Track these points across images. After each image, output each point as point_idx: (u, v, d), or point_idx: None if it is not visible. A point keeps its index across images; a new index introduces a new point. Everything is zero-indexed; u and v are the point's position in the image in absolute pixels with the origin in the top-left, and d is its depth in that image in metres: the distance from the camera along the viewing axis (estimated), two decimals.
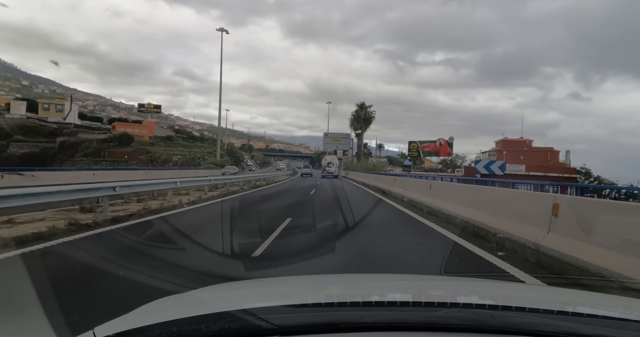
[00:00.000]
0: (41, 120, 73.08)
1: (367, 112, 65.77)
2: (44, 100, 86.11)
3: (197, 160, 52.71)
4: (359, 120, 64.96)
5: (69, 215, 8.20)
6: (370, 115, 66.38)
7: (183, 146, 70.88)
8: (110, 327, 1.11)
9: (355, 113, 66.12)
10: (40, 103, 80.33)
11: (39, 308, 2.67)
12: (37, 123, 71.85)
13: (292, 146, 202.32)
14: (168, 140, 74.06)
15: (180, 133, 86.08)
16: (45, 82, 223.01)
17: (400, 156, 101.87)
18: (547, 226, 5.45)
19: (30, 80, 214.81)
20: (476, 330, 1.03)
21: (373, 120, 66.81)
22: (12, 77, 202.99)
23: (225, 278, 4.09)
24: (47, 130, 70.47)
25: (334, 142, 74.02)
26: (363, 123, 64.96)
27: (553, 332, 1.02)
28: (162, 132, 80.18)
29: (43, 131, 69.97)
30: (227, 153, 64.86)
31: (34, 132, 68.30)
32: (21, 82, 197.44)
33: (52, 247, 5.71)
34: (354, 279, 2.34)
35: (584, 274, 4.31)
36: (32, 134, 67.35)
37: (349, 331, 1.03)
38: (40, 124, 71.65)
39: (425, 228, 8.62)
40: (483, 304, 1.34)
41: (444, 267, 4.85)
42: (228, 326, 1.01)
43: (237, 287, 1.92)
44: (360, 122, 64.90)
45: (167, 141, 72.77)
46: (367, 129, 65.92)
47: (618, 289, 3.69)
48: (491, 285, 2.06)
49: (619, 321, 1.15)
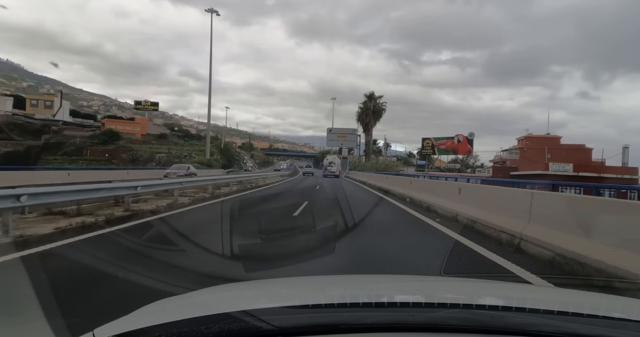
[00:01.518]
0: (28, 117, 68.82)
1: (377, 103, 57.59)
2: (31, 96, 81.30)
3: (182, 158, 47.45)
4: (368, 113, 56.65)
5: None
6: (381, 107, 57.97)
7: (176, 144, 66.43)
8: (109, 328, 1.10)
9: (364, 105, 57.86)
10: (28, 99, 75.70)
11: (38, 309, 2.67)
12: (24, 120, 67.72)
13: (297, 146, 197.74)
14: (161, 138, 69.36)
15: (176, 131, 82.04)
16: (52, 83, 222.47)
17: (408, 155, 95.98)
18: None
19: (36, 81, 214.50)
20: (476, 330, 1.02)
21: (383, 114, 58.63)
22: (18, 77, 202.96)
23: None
24: (33, 128, 66.65)
25: (339, 138, 66.27)
26: (372, 116, 56.62)
27: (553, 332, 1.01)
28: (156, 129, 76.10)
29: (29, 129, 65.95)
30: (221, 151, 58.49)
31: (20, 130, 64.11)
32: (27, 82, 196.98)
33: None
34: (354, 280, 2.34)
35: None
36: (17, 132, 63.05)
37: (349, 332, 1.02)
38: (26, 121, 67.49)
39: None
40: (483, 304, 1.33)
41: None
42: (228, 327, 1.00)
43: (236, 289, 1.90)
44: (369, 116, 56.52)
45: (160, 139, 68.06)
46: (376, 123, 58.04)
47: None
48: (491, 286, 2.07)
49: (619, 321, 1.14)
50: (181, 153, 54.33)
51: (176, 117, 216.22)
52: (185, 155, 51.39)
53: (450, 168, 66.37)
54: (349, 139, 66.47)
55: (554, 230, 5.06)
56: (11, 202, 6.34)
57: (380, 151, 76.77)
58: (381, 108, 58.34)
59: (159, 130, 75.48)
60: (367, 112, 57.49)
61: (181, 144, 68.41)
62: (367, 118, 57.37)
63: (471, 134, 63.50)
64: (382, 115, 59.29)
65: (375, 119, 57.67)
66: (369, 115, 57.07)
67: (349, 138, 66.43)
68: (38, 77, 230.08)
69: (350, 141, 67.05)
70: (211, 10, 45.67)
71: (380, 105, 58.38)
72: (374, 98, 58.04)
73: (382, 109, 58.48)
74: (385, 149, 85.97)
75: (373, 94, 58.68)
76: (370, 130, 59.97)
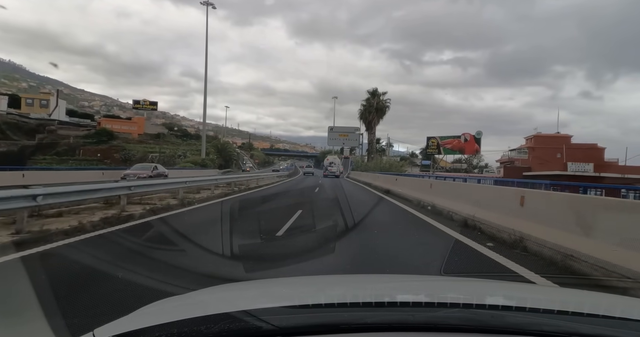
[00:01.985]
0: (23, 116, 67.24)
1: (381, 100, 54.26)
2: (27, 95, 79.48)
3: (176, 158, 45.29)
4: (371, 111, 53.02)
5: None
6: (384, 105, 54.28)
7: (173, 144, 64.55)
8: (110, 328, 1.10)
9: (366, 102, 54.11)
10: (23, 98, 73.89)
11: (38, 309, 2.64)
12: (18, 119, 66.12)
13: (298, 146, 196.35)
14: (158, 137, 67.03)
15: (174, 131, 79.85)
16: (53, 83, 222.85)
17: (411, 155, 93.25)
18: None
19: (38, 81, 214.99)
20: (476, 330, 1.02)
21: (387, 111, 54.86)
22: (20, 78, 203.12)
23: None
24: (28, 127, 65.38)
25: (341, 137, 63.33)
26: (376, 114, 52.90)
27: (553, 332, 1.01)
28: (154, 129, 74.25)
29: (24, 128, 64.53)
30: (218, 151, 55.98)
31: (14, 129, 62.60)
32: (28, 83, 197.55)
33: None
34: (354, 279, 2.31)
35: None
36: (11, 131, 61.49)
37: (350, 331, 1.02)
38: (21, 121, 65.94)
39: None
40: (483, 304, 1.32)
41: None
42: (228, 327, 1.00)
43: (236, 289, 1.88)
44: (372, 113, 52.86)
45: (157, 139, 65.80)
46: (379, 121, 54.62)
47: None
48: (491, 285, 2.04)
49: (620, 320, 1.12)
50: (175, 152, 52.10)
51: (177, 118, 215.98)
52: (179, 154, 49.23)
53: (456, 168, 63.95)
54: (351, 138, 63.55)
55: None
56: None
57: (384, 151, 74.05)
58: (385, 105, 54.73)
59: (157, 130, 73.31)
60: (370, 110, 53.85)
61: (178, 143, 66.35)
62: (370, 116, 53.76)
63: (479, 133, 60.91)
64: (386, 113, 56.04)
65: (379, 116, 54.07)
66: (372, 113, 53.39)
67: (350, 137, 63.52)
68: (40, 77, 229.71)
69: (352, 140, 64.10)
70: (206, 3, 43.53)
71: (384, 102, 55.01)
72: (377, 95, 54.64)
73: (385, 106, 54.83)
74: (388, 149, 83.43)
75: (376, 90, 55.08)
76: (374, 129, 56.72)
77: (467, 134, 62.74)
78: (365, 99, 55.57)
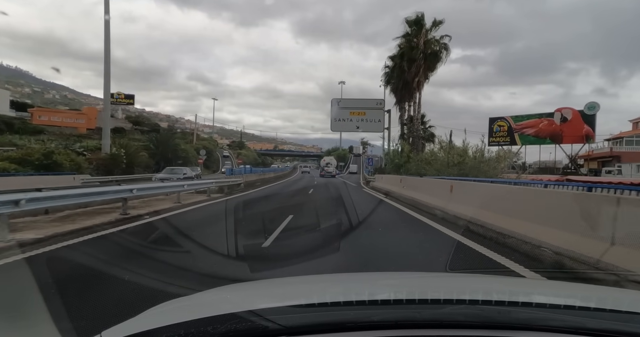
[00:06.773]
0: None
1: (432, 38, 25.62)
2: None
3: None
4: (414, 58, 24.66)
5: None
6: (440, 45, 25.80)
7: (135, 140, 47.91)
8: (117, 331, 1.08)
9: (405, 42, 25.87)
10: None
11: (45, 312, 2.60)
12: None
13: (304, 147, 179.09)
14: (117, 133, 49.70)
15: (140, 124, 61.82)
16: (59, 89, 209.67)
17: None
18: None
19: (42, 87, 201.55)
20: (483, 326, 1.00)
21: (446, 58, 25.99)
22: (25, 84, 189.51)
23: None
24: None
25: (353, 116, 32.99)
26: (423, 65, 24.83)
27: (561, 327, 0.98)
28: (113, 123, 53.03)
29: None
30: (155, 146, 41.19)
31: None
32: (32, 88, 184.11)
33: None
34: (359, 278, 2.27)
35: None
36: None
37: (356, 329, 0.99)
38: None
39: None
40: (489, 300, 1.25)
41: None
42: (235, 327, 0.98)
43: (242, 289, 1.83)
44: (415, 63, 24.58)
45: (116, 133, 47.20)
46: (427, 79, 25.91)
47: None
48: (497, 281, 2.01)
49: (627, 314, 1.09)
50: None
51: (182, 121, 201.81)
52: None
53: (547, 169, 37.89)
54: (370, 117, 35.40)
55: None
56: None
57: (434, 137, 42.06)
58: (440, 47, 25.67)
59: (118, 124, 56.13)
60: (411, 57, 24.93)
61: (143, 140, 51.05)
62: (410, 70, 24.84)
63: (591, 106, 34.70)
64: (444, 62, 26.59)
65: (428, 69, 25.24)
66: (416, 62, 24.46)
67: (369, 116, 35.35)
68: (46, 83, 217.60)
69: (372, 122, 36.07)
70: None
71: (439, 41, 25.68)
72: (423, 26, 25.20)
73: (442, 48, 25.76)
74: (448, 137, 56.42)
75: (423, 17, 25.52)
76: (417, 96, 26.94)
77: (568, 109, 36.37)
78: (403, 35, 26.05)
